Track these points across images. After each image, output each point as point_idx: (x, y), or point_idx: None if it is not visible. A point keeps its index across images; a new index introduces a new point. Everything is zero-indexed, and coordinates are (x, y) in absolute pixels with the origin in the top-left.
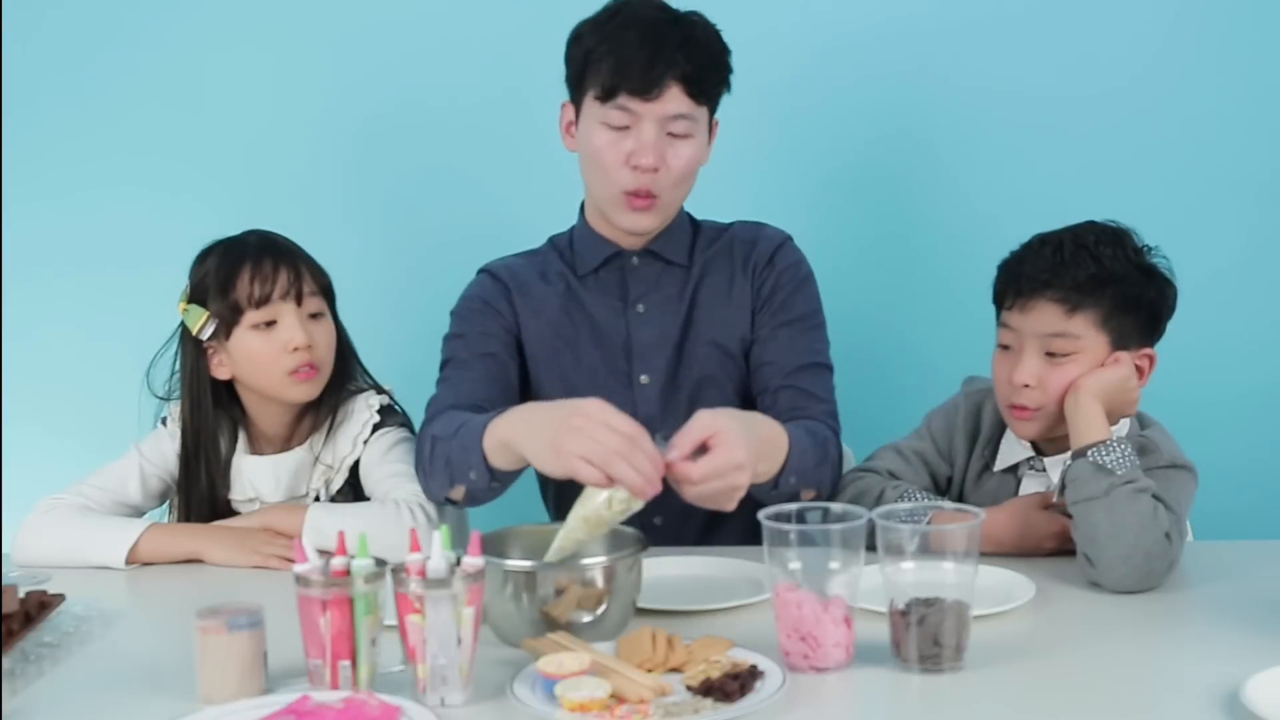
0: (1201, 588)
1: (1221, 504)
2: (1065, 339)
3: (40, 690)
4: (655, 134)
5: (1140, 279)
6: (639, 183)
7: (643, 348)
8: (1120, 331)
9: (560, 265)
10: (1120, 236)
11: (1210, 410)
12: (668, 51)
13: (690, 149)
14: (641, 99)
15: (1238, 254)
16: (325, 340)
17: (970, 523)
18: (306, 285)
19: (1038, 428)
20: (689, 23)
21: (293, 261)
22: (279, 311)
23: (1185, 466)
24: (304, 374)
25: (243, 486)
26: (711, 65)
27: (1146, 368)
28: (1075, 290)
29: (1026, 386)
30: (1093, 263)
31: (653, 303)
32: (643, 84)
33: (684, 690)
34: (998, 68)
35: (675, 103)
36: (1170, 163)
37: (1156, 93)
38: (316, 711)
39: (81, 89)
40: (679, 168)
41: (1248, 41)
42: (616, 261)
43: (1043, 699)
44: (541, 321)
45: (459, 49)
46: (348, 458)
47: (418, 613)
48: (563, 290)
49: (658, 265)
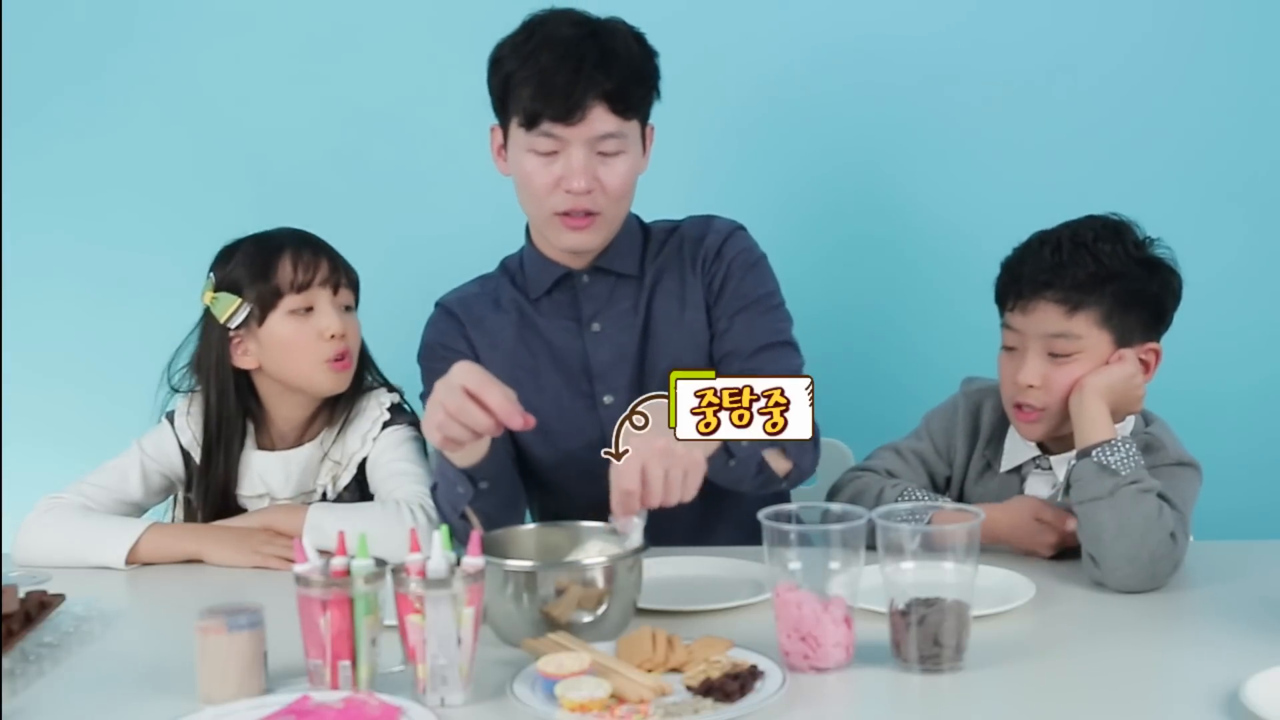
0: (1202, 588)
1: (1223, 503)
2: (1067, 339)
3: (40, 690)
4: (584, 156)
5: (1141, 274)
6: (572, 204)
7: (602, 367)
8: (1123, 328)
9: (512, 291)
10: (1120, 231)
11: (1211, 409)
12: (586, 72)
13: (624, 165)
14: (565, 124)
15: (1241, 252)
16: (356, 333)
17: (970, 523)
18: (343, 276)
19: (1043, 429)
20: (607, 35)
21: (329, 251)
22: (317, 298)
23: (1190, 464)
24: (340, 364)
25: (252, 482)
26: (635, 79)
27: (1152, 362)
28: (1075, 290)
29: (1031, 387)
30: (1092, 261)
31: (608, 320)
32: (564, 109)
33: (684, 690)
34: (997, 65)
35: (601, 123)
36: (1172, 159)
37: (1155, 89)
38: (316, 711)
39: (83, 91)
40: (615, 185)
41: (1249, 40)
42: (567, 282)
43: (1043, 699)
44: (499, 354)
45: (462, 50)
46: (356, 454)
47: (418, 613)
48: (516, 318)
49: (609, 280)
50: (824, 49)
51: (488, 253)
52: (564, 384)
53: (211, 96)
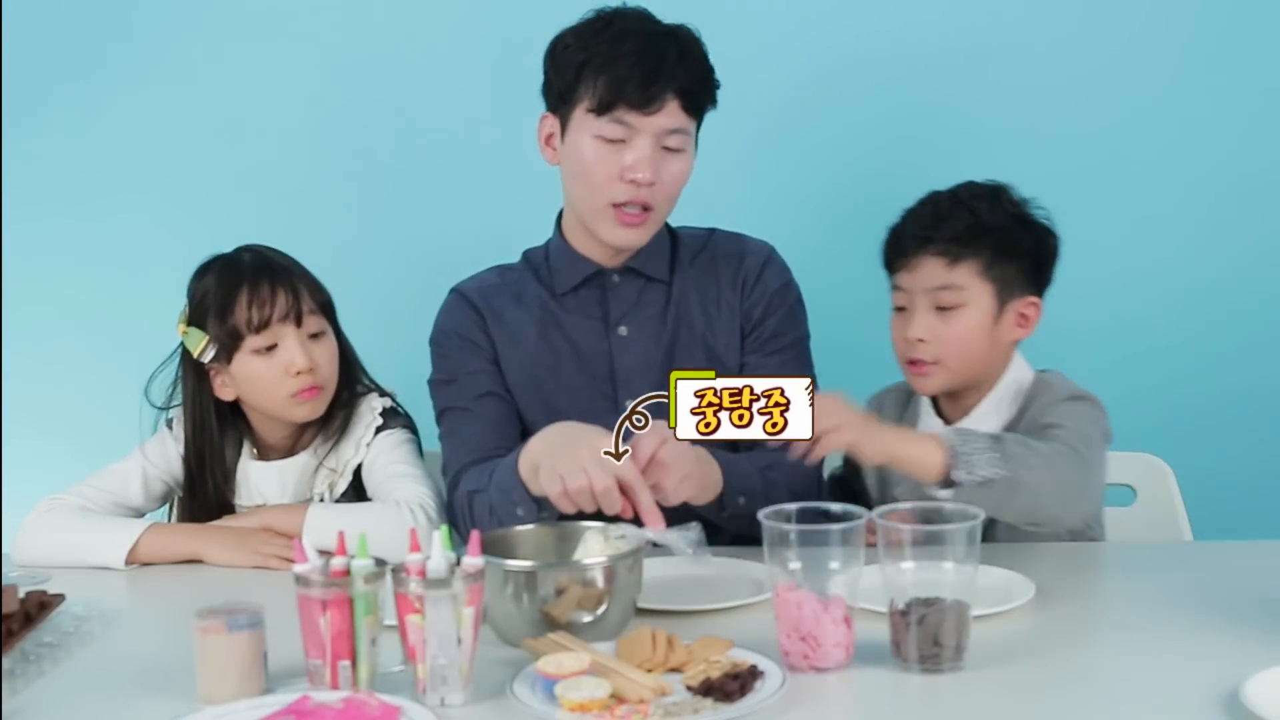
0: (1201, 588)
1: (1222, 504)
2: (951, 291)
3: (40, 690)
4: (651, 148)
5: (1018, 228)
6: (632, 195)
7: (628, 374)
8: (1003, 280)
9: (536, 285)
10: (996, 191)
11: (1211, 409)
12: (668, 65)
13: (683, 163)
14: (640, 112)
15: (1240, 254)
16: (327, 359)
17: (971, 523)
18: (305, 304)
19: (936, 383)
20: (683, 36)
21: (290, 281)
22: (279, 335)
23: (1083, 398)
24: (306, 395)
25: (249, 493)
26: (706, 79)
27: (1033, 315)
28: (955, 242)
29: (921, 341)
30: (970, 215)
31: (635, 324)
32: (643, 98)
33: (684, 690)
34: (1002, 73)
35: (672, 117)
36: (1176, 165)
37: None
38: (316, 711)
39: (81, 95)
40: (672, 182)
41: (1245, 43)
42: (596, 280)
43: (1043, 699)
44: (520, 352)
45: (462, 52)
46: (351, 460)
47: (418, 613)
48: (539, 314)
49: (639, 282)
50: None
51: (486, 254)
52: (586, 385)
53: (214, 89)
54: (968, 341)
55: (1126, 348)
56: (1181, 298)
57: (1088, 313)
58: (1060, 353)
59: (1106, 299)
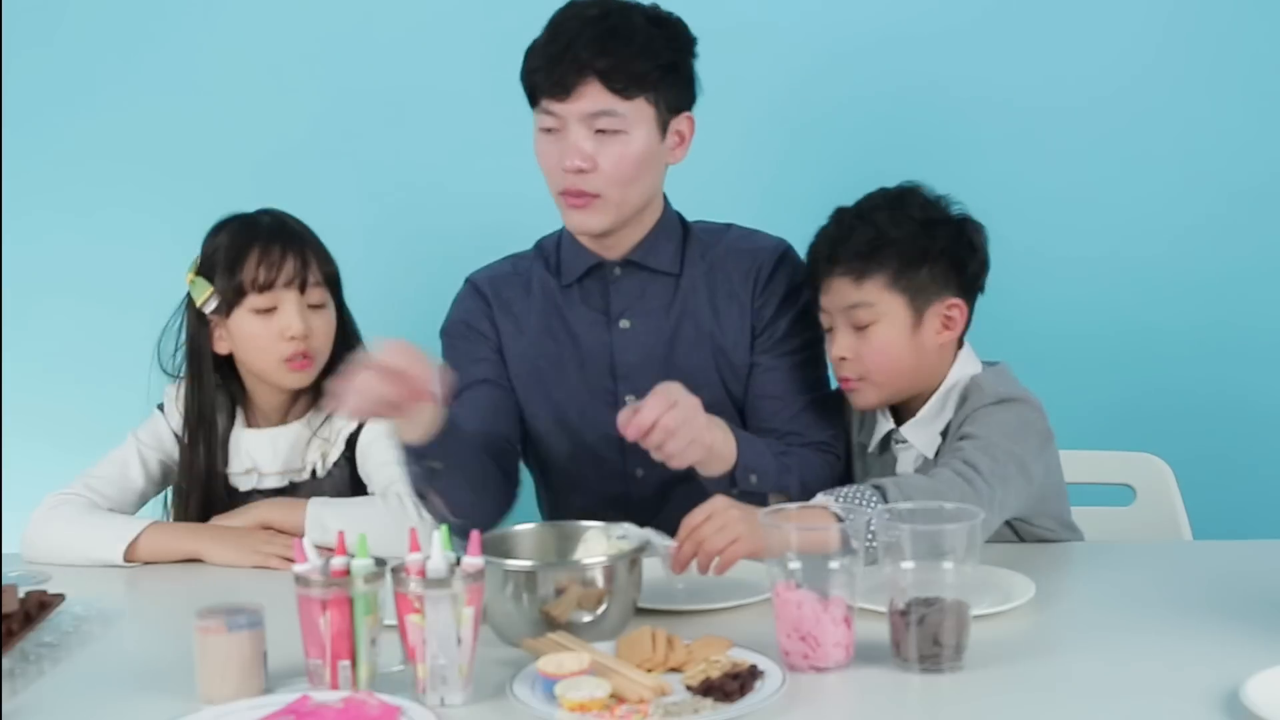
0: (1201, 588)
1: (1222, 504)
2: (862, 308)
3: (40, 690)
4: (582, 134)
5: (921, 234)
6: (569, 184)
7: (628, 368)
8: (914, 288)
9: (544, 274)
10: (902, 197)
11: (1211, 409)
12: (577, 48)
13: (623, 146)
14: (557, 99)
15: (1240, 254)
16: (324, 331)
17: (971, 523)
18: (312, 275)
19: (868, 399)
20: (619, 14)
21: (301, 248)
22: (281, 299)
23: (1011, 400)
24: (298, 364)
25: (240, 459)
26: (639, 56)
27: (958, 318)
28: (858, 259)
29: (844, 360)
30: (871, 228)
31: (637, 317)
32: (556, 84)
33: (684, 690)
34: (1005, 75)
35: (595, 99)
36: (1175, 165)
37: (1161, 96)
38: (316, 711)
39: (80, 93)
40: (611, 166)
41: (1244, 48)
42: (598, 272)
43: (1043, 699)
44: (524, 342)
45: (472, 41)
46: (344, 429)
47: (418, 612)
48: (545, 304)
49: (642, 275)
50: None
51: (494, 241)
52: (586, 378)
53: (218, 84)
54: (887, 355)
55: (1127, 348)
56: (1182, 298)
57: (1088, 312)
58: (1060, 352)
59: (1106, 299)
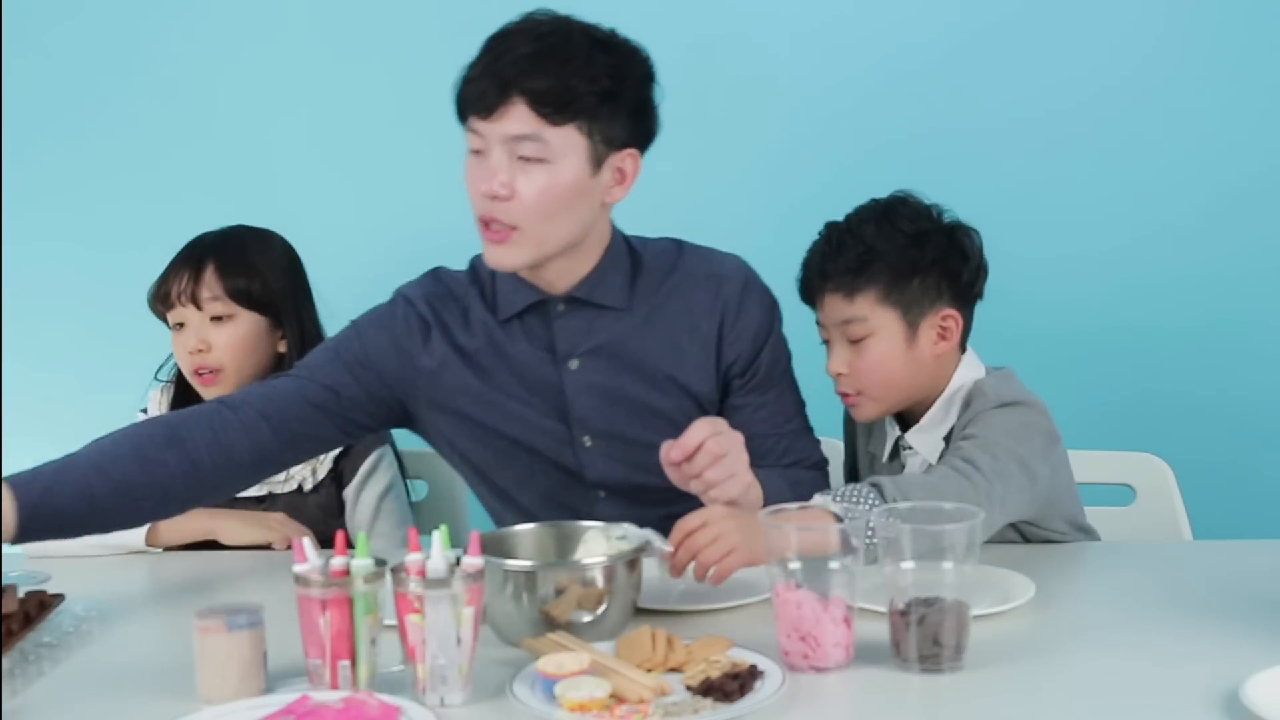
0: (1201, 588)
1: (1222, 504)
2: (855, 323)
3: (40, 690)
4: (502, 158)
5: (910, 247)
6: (484, 211)
7: (583, 410)
8: (906, 301)
9: (481, 308)
10: (889, 210)
11: (1211, 409)
12: (508, 65)
13: (547, 176)
14: (481, 118)
15: (1240, 254)
16: (225, 343)
17: (971, 523)
18: (207, 289)
19: (867, 412)
20: (560, 35)
21: (199, 265)
22: (183, 314)
23: (1014, 403)
24: (204, 378)
25: None
26: (573, 79)
27: (953, 328)
28: (848, 275)
29: (841, 375)
30: (859, 244)
31: (587, 357)
32: (481, 102)
33: (684, 690)
34: (1005, 76)
35: (519, 122)
36: (1175, 166)
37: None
38: (316, 711)
39: (78, 93)
40: (532, 196)
41: (1243, 48)
42: (540, 308)
43: (1043, 699)
44: (466, 377)
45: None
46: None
47: (417, 613)
48: (484, 342)
49: (588, 312)
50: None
51: None
52: (538, 419)
53: (214, 100)
54: (883, 369)
55: (1127, 348)
56: (1182, 297)
57: (1088, 313)
58: (1060, 353)
59: (1106, 299)
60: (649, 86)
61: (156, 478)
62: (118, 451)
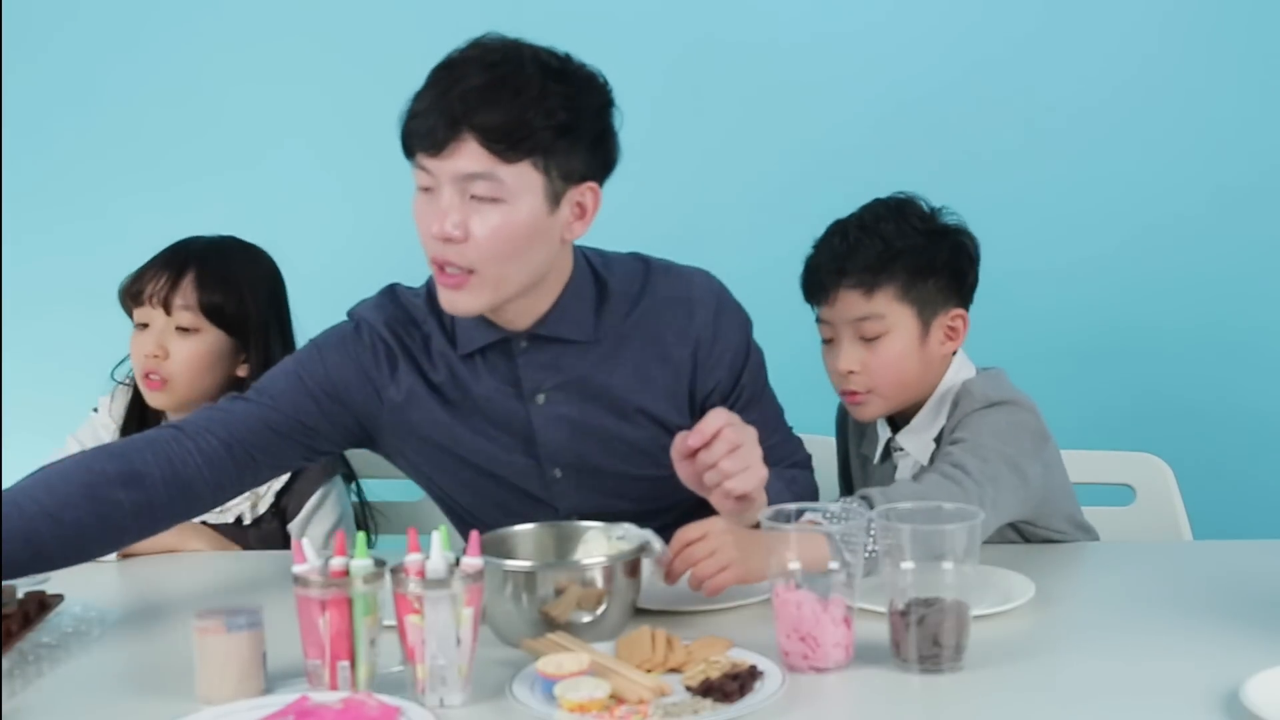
0: (1201, 588)
1: (1222, 504)
2: (872, 320)
3: (40, 690)
4: (453, 197)
5: (928, 245)
6: (436, 253)
7: (553, 445)
8: (922, 299)
9: (441, 339)
10: (903, 208)
11: (1211, 410)
12: (456, 99)
13: (502, 216)
14: (430, 155)
15: (1240, 255)
16: (183, 356)
17: (971, 523)
18: (181, 297)
19: (873, 410)
20: (513, 67)
21: (180, 271)
22: (149, 315)
23: (1002, 403)
24: (151, 383)
25: None
26: (526, 113)
27: (960, 328)
28: (868, 271)
29: (852, 373)
30: (879, 241)
31: (554, 392)
32: (429, 138)
33: (683, 690)
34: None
35: (471, 159)
36: (1179, 169)
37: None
38: (315, 712)
39: (78, 92)
40: (486, 238)
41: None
42: (503, 346)
43: (1043, 699)
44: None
45: None
46: (274, 484)
47: (417, 613)
48: (447, 377)
49: (553, 347)
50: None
51: None
52: (507, 454)
53: (214, 102)
54: (897, 367)
55: (1127, 348)
56: (1182, 298)
57: (1087, 313)
58: (1060, 353)
59: (1106, 300)
60: (607, 114)
61: (111, 519)
62: (67, 490)
